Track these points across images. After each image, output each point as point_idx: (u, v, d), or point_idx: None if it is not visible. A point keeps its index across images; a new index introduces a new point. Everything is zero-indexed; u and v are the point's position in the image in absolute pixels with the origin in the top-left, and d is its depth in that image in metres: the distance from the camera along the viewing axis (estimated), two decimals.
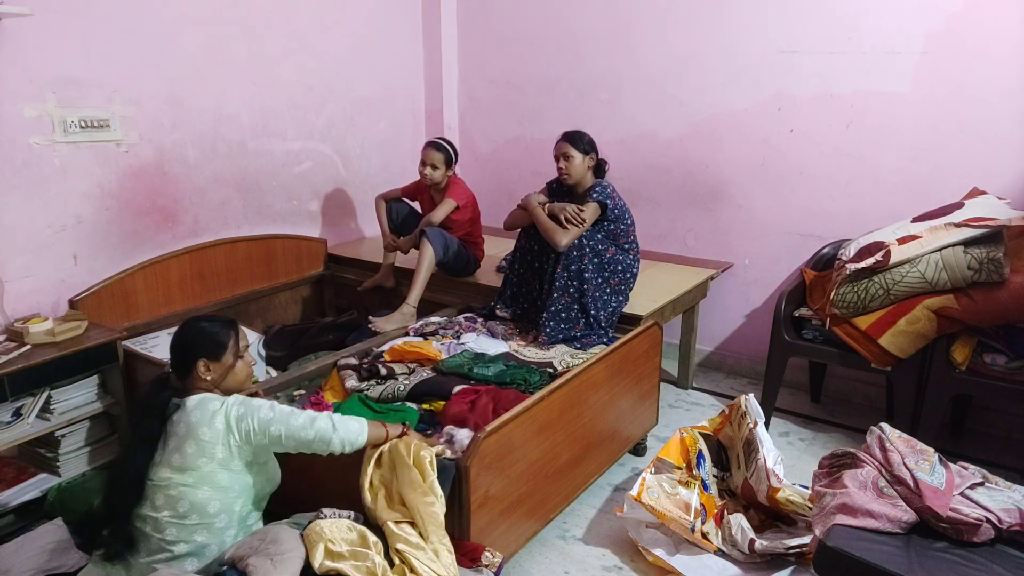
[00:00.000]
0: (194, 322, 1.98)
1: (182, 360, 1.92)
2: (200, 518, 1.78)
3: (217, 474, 1.79)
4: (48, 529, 2.12)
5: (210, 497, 1.79)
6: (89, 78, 2.77)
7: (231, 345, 1.97)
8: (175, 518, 1.77)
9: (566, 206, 2.81)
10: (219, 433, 1.80)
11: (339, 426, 1.86)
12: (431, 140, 3.34)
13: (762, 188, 3.51)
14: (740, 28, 3.40)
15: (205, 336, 1.93)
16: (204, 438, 1.79)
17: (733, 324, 3.77)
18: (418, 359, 2.65)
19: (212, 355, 1.92)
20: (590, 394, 2.41)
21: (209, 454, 1.79)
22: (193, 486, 1.78)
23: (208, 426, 1.80)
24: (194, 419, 1.81)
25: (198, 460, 1.78)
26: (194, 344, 1.92)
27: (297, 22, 3.56)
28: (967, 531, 1.84)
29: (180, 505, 1.77)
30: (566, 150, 2.87)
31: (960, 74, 2.96)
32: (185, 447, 1.79)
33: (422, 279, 3.13)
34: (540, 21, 4.01)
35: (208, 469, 1.79)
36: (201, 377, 1.91)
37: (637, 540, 2.33)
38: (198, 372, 1.91)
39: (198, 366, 1.90)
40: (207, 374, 1.91)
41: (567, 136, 2.89)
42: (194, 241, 3.24)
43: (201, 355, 1.91)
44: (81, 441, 2.57)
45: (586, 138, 2.88)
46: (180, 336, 1.95)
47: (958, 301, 2.56)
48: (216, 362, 1.93)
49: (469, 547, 1.90)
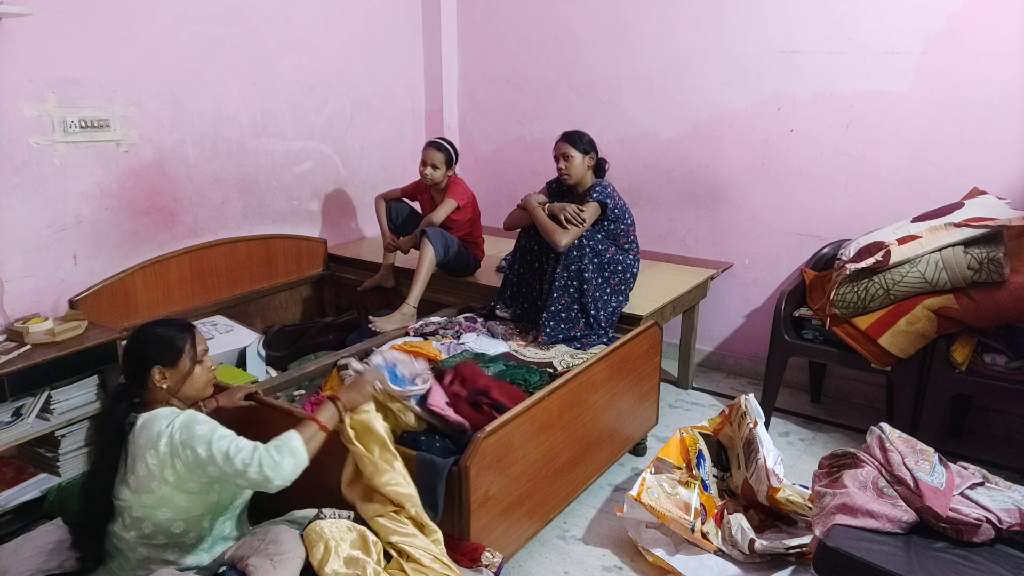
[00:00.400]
0: (147, 327, 1.85)
1: (136, 369, 1.79)
2: (167, 538, 1.73)
3: (174, 496, 1.70)
4: (48, 529, 2.12)
5: (172, 518, 1.72)
6: (89, 78, 2.77)
7: (187, 349, 1.84)
8: (142, 539, 1.73)
9: (566, 206, 2.81)
10: (166, 457, 1.68)
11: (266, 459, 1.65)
12: (432, 140, 3.34)
13: (762, 188, 3.51)
14: (740, 28, 3.40)
15: (159, 341, 1.81)
16: (152, 462, 1.68)
17: (733, 324, 3.77)
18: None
19: (167, 361, 1.79)
20: (590, 394, 2.41)
21: (160, 478, 1.69)
22: (153, 507, 1.70)
23: (154, 449, 1.68)
24: (141, 440, 1.71)
25: (151, 483, 1.69)
26: (147, 350, 1.79)
27: (297, 22, 3.56)
28: (967, 531, 1.84)
29: (144, 526, 1.71)
30: (566, 150, 2.87)
31: (960, 74, 2.96)
32: (137, 468, 1.70)
33: (422, 279, 3.13)
34: (540, 21, 4.01)
35: (162, 492, 1.69)
36: (157, 386, 1.79)
37: (637, 540, 2.33)
38: (153, 381, 1.78)
39: (152, 374, 1.78)
40: (163, 382, 1.79)
41: (567, 136, 2.89)
42: (194, 241, 3.24)
43: (156, 362, 1.78)
44: (81, 441, 2.57)
45: (586, 138, 2.88)
46: (133, 343, 1.82)
47: (958, 301, 2.56)
48: (172, 369, 1.80)
49: (469, 547, 1.90)
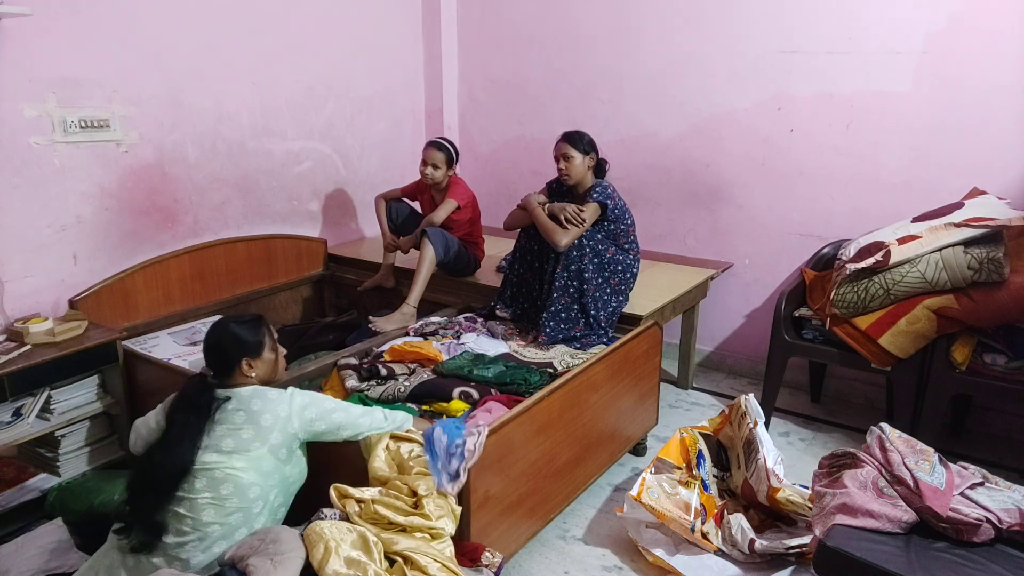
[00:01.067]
0: (227, 324, 2.05)
1: (224, 361, 1.99)
2: (240, 501, 1.83)
3: (264, 460, 1.87)
4: (48, 529, 2.13)
5: (253, 482, 1.85)
6: (89, 78, 2.77)
7: (268, 341, 2.07)
8: (215, 500, 1.81)
9: (566, 206, 2.81)
10: (279, 420, 1.90)
11: (389, 418, 2.04)
12: (432, 140, 3.34)
13: (762, 188, 3.51)
14: (740, 28, 3.40)
15: (244, 336, 2.01)
16: (265, 424, 1.88)
17: (733, 324, 3.77)
18: (418, 359, 2.65)
19: (254, 353, 2.01)
20: (590, 394, 2.41)
21: (263, 439, 1.87)
22: (240, 470, 1.84)
23: (270, 412, 1.90)
24: (255, 407, 1.90)
25: (252, 444, 1.86)
26: (235, 345, 1.99)
27: (297, 22, 3.56)
28: (967, 531, 1.84)
29: (224, 487, 1.82)
30: (566, 151, 2.86)
31: (960, 74, 2.96)
32: (241, 432, 1.87)
33: (422, 279, 3.13)
34: (540, 21, 4.01)
35: (258, 454, 1.86)
36: (246, 375, 1.99)
37: (637, 540, 2.33)
38: (242, 371, 1.99)
39: (242, 365, 1.98)
40: (251, 372, 2.00)
41: (567, 136, 2.89)
42: (194, 241, 3.24)
43: (244, 355, 1.99)
44: (81, 441, 2.57)
45: (586, 138, 2.88)
46: (218, 339, 2.02)
47: (958, 301, 2.56)
48: (258, 359, 2.02)
49: (469, 547, 1.90)
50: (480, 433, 1.94)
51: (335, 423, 1.96)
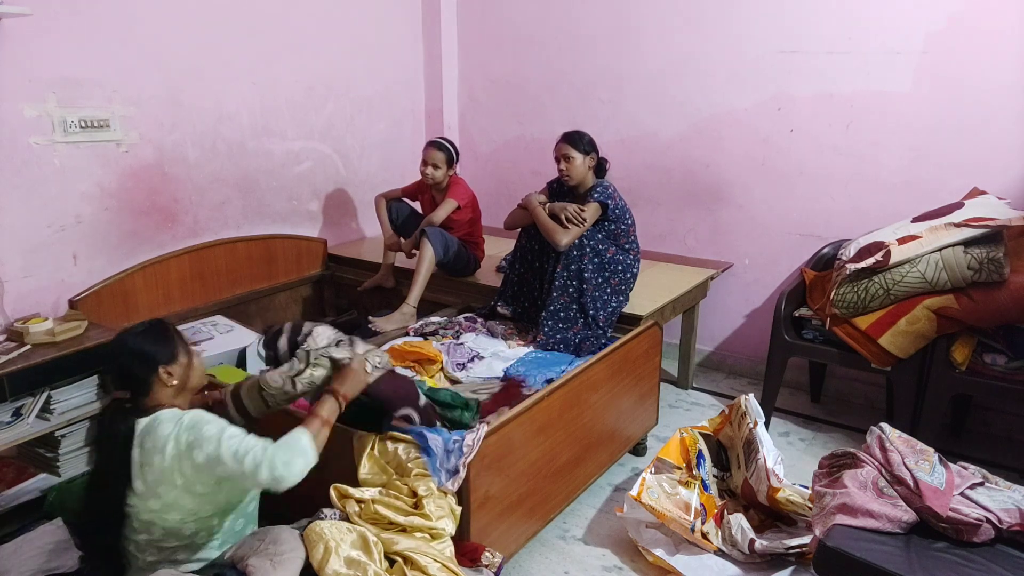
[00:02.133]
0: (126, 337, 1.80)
1: (139, 376, 1.76)
2: (178, 540, 1.72)
3: (182, 499, 1.67)
4: (48, 529, 2.12)
5: (182, 520, 1.70)
6: (89, 78, 2.77)
7: (179, 342, 1.83)
8: (152, 542, 1.71)
9: (567, 206, 2.81)
10: (173, 460, 1.65)
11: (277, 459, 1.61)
12: (432, 140, 3.34)
13: (762, 188, 3.51)
14: (740, 28, 3.40)
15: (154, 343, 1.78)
16: (161, 466, 1.65)
17: (733, 324, 3.77)
18: (418, 359, 2.65)
19: (169, 359, 1.78)
20: (590, 394, 2.41)
21: (168, 482, 1.66)
22: (161, 511, 1.68)
23: (161, 454, 1.65)
24: (147, 446, 1.68)
25: (158, 488, 1.67)
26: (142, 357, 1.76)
27: (297, 22, 3.56)
28: (967, 531, 1.84)
29: (154, 530, 1.70)
30: (566, 151, 2.86)
31: (960, 74, 2.96)
32: (144, 474, 1.67)
33: (422, 279, 3.14)
34: (540, 21, 4.01)
35: (171, 496, 1.67)
36: (166, 385, 1.77)
37: (637, 540, 2.33)
38: (161, 381, 1.76)
39: (160, 375, 1.76)
40: (170, 380, 1.77)
41: (567, 137, 2.89)
42: (194, 241, 3.24)
43: (159, 364, 1.76)
44: (81, 441, 2.56)
45: (586, 138, 2.88)
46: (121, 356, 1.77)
47: (958, 301, 2.56)
48: (175, 364, 1.79)
49: (469, 547, 1.90)
50: (478, 429, 1.94)
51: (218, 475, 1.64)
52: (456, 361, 2.68)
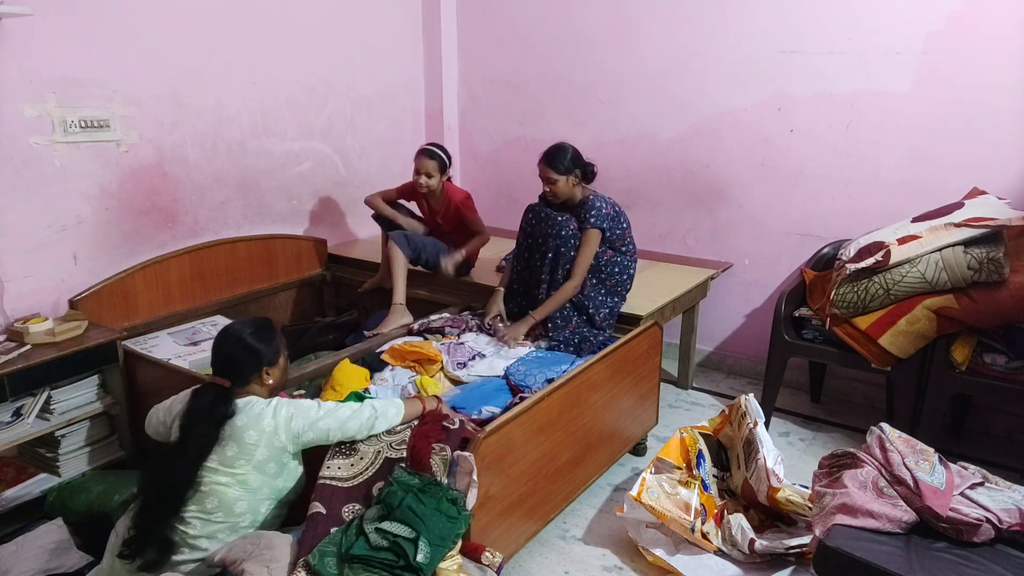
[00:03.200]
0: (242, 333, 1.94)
1: (241, 372, 1.92)
2: (225, 516, 1.81)
3: (250, 476, 1.82)
4: (48, 529, 2.13)
5: (239, 497, 1.81)
6: (89, 78, 2.77)
7: (282, 345, 2.02)
8: (201, 513, 1.79)
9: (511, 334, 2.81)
10: (264, 435, 1.83)
11: (380, 414, 1.95)
12: (423, 148, 3.25)
13: (762, 188, 3.51)
14: (740, 28, 3.40)
15: (262, 345, 1.94)
16: (249, 440, 1.82)
17: (733, 324, 3.77)
18: (418, 359, 2.65)
19: (272, 361, 1.96)
20: (590, 394, 2.41)
21: (248, 455, 1.82)
22: (226, 485, 1.80)
23: (255, 428, 1.83)
24: (240, 422, 1.83)
25: (237, 461, 1.81)
26: (254, 355, 1.92)
27: (297, 22, 3.56)
28: (967, 531, 1.84)
29: (208, 501, 1.79)
30: (548, 175, 2.82)
31: (960, 74, 2.96)
32: (226, 448, 1.81)
33: (399, 277, 3.14)
34: (540, 21, 4.01)
35: (244, 471, 1.81)
36: (263, 384, 1.94)
37: (637, 540, 2.33)
38: (261, 381, 1.94)
39: (261, 375, 1.93)
40: (268, 380, 1.95)
41: (547, 159, 2.83)
42: (194, 241, 3.24)
43: (263, 364, 1.93)
44: (81, 441, 2.57)
45: (567, 156, 2.81)
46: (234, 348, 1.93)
47: (958, 301, 2.56)
48: (275, 367, 1.97)
49: (469, 547, 1.90)
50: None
51: (323, 431, 1.88)
52: (457, 360, 2.68)
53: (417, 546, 1.64)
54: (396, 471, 1.86)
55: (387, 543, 1.64)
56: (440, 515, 1.72)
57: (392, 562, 1.62)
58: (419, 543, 1.64)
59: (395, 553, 1.63)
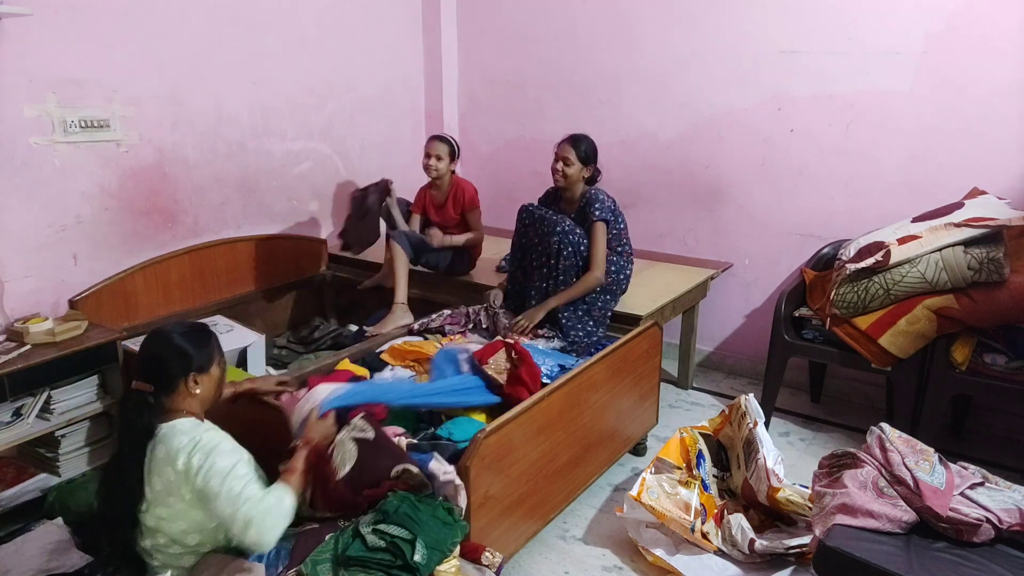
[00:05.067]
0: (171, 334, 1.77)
1: (170, 374, 1.73)
2: (182, 548, 1.73)
3: (190, 512, 1.68)
4: (48, 529, 2.12)
5: (187, 530, 1.70)
6: (89, 78, 2.77)
7: (216, 354, 1.82)
8: (157, 547, 1.72)
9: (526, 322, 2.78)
10: (181, 476, 1.64)
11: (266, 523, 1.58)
12: (435, 134, 3.35)
13: (762, 188, 3.51)
14: (740, 28, 3.40)
15: (192, 347, 1.76)
16: (170, 478, 1.66)
17: (733, 324, 3.77)
18: (418, 358, 2.65)
19: (202, 367, 1.76)
20: (590, 394, 2.41)
21: (177, 494, 1.66)
22: (169, 520, 1.69)
23: (172, 466, 1.65)
24: (160, 455, 1.67)
25: (168, 498, 1.67)
26: (181, 357, 1.73)
27: (297, 22, 3.56)
28: (967, 531, 1.84)
29: (159, 536, 1.71)
30: (567, 154, 2.87)
31: (960, 74, 2.96)
32: (153, 482, 1.67)
33: (401, 277, 3.13)
34: (540, 21, 4.01)
35: (179, 507, 1.67)
36: (190, 392, 1.75)
37: (637, 540, 2.33)
38: (188, 388, 1.74)
39: (187, 381, 1.74)
40: (196, 388, 1.76)
41: (572, 140, 2.89)
42: (194, 241, 3.24)
43: (191, 370, 1.74)
44: (81, 441, 2.57)
45: (589, 146, 2.89)
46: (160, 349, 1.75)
47: (958, 301, 2.56)
48: (205, 374, 1.78)
49: (469, 547, 1.90)
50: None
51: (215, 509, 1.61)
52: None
53: (414, 546, 1.62)
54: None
55: (384, 543, 1.62)
56: (436, 521, 1.71)
57: (389, 562, 1.60)
58: (416, 544, 1.62)
59: (392, 554, 1.61)
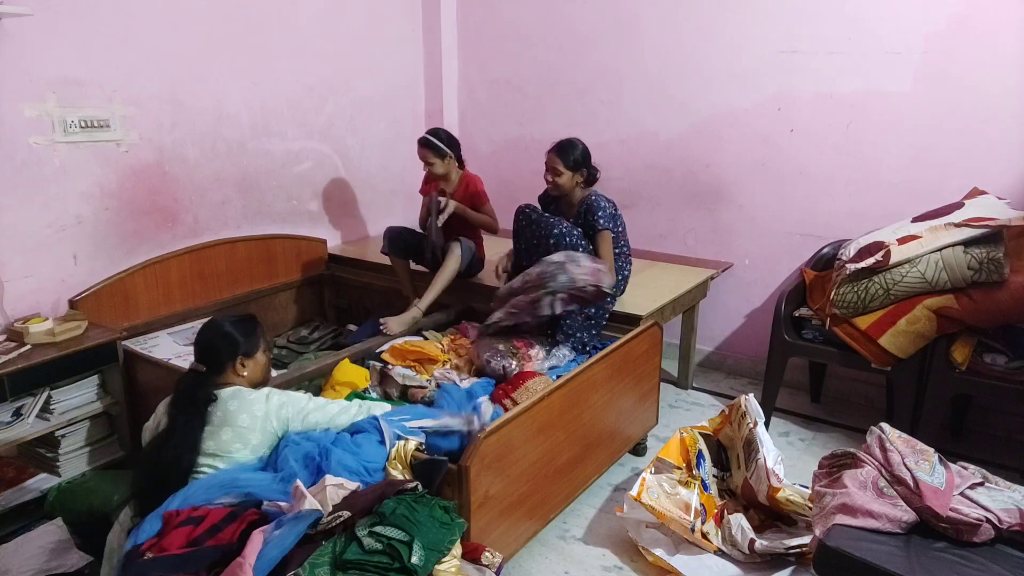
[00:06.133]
0: (222, 322, 2.06)
1: (217, 359, 2.01)
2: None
3: (246, 458, 1.90)
4: (48, 529, 2.13)
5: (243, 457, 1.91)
6: (89, 78, 2.77)
7: (262, 342, 2.10)
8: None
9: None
10: (257, 420, 1.92)
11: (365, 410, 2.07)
12: (420, 138, 3.21)
13: (762, 188, 3.51)
14: (740, 28, 3.40)
15: (239, 334, 2.03)
16: (243, 425, 1.90)
17: (733, 324, 3.77)
18: (419, 359, 2.65)
19: (248, 353, 2.04)
20: (590, 394, 2.41)
21: (244, 440, 1.90)
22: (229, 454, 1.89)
23: (248, 413, 1.92)
24: (232, 408, 1.92)
25: (233, 445, 1.89)
26: (230, 343, 2.02)
27: (297, 22, 3.56)
28: (967, 531, 1.84)
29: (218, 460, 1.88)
30: (555, 164, 2.84)
31: (960, 74, 2.96)
32: (220, 434, 1.89)
33: (440, 286, 3.07)
34: (540, 21, 4.01)
35: (240, 455, 1.89)
36: (238, 374, 2.02)
37: (637, 540, 2.33)
38: (236, 370, 2.02)
39: (236, 364, 2.02)
40: (243, 371, 2.03)
41: (558, 149, 2.84)
42: (194, 241, 3.24)
43: (238, 354, 2.02)
44: (81, 441, 2.57)
45: (577, 152, 2.84)
46: (212, 336, 2.03)
47: (958, 301, 2.56)
48: (251, 359, 2.06)
49: (469, 547, 1.90)
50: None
51: (311, 424, 2.00)
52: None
53: (411, 548, 1.62)
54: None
55: (381, 546, 1.61)
56: (433, 521, 1.72)
57: (387, 565, 1.59)
58: (413, 545, 1.63)
59: (390, 556, 1.61)
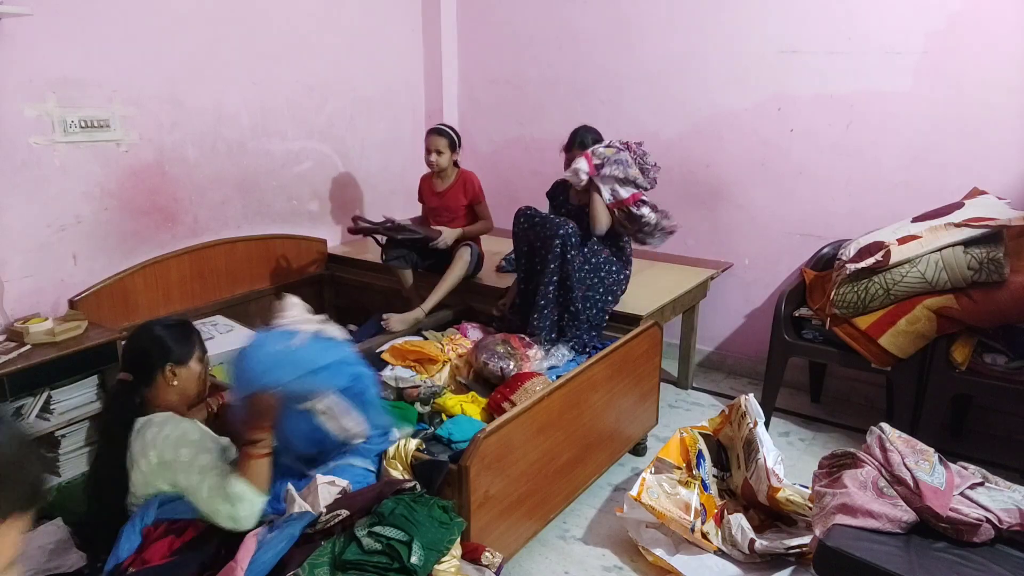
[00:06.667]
0: (152, 325, 1.86)
1: (147, 365, 1.80)
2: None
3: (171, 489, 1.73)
4: (48, 529, 2.12)
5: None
6: (89, 78, 2.77)
7: (197, 350, 1.88)
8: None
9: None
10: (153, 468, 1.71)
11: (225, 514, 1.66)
12: (432, 127, 3.30)
13: (762, 188, 3.51)
14: (740, 28, 3.40)
15: (171, 340, 1.82)
16: (143, 469, 1.72)
17: (733, 324, 3.77)
18: (419, 359, 2.65)
19: (180, 359, 1.83)
20: (590, 394, 2.41)
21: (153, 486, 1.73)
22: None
23: (144, 459, 1.72)
24: (136, 448, 1.73)
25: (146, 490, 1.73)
26: (160, 348, 1.80)
27: (297, 22, 3.56)
28: (967, 531, 1.84)
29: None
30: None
31: (960, 74, 2.96)
32: (133, 475, 1.73)
33: (445, 289, 3.09)
34: (540, 21, 4.01)
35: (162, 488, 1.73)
36: (167, 385, 1.81)
37: (637, 540, 2.33)
38: (165, 379, 1.80)
39: (164, 372, 1.80)
40: (173, 380, 1.82)
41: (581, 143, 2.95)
42: (194, 241, 3.24)
43: (168, 360, 1.80)
44: (81, 441, 2.57)
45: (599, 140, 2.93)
46: (141, 339, 1.83)
47: (958, 301, 2.56)
48: (183, 367, 1.83)
49: (469, 547, 1.90)
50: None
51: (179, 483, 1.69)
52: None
53: (411, 548, 1.62)
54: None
55: (380, 546, 1.61)
56: (432, 521, 1.71)
57: (386, 565, 1.59)
58: (412, 545, 1.62)
59: (389, 556, 1.60)
